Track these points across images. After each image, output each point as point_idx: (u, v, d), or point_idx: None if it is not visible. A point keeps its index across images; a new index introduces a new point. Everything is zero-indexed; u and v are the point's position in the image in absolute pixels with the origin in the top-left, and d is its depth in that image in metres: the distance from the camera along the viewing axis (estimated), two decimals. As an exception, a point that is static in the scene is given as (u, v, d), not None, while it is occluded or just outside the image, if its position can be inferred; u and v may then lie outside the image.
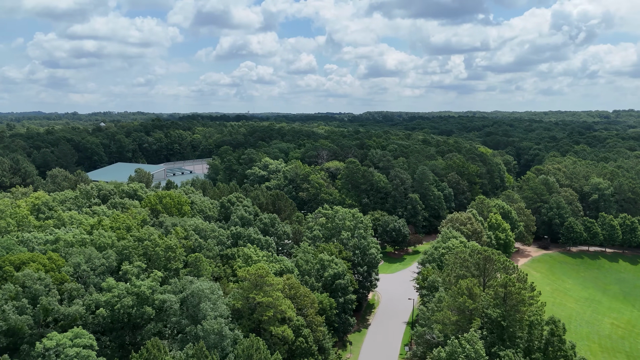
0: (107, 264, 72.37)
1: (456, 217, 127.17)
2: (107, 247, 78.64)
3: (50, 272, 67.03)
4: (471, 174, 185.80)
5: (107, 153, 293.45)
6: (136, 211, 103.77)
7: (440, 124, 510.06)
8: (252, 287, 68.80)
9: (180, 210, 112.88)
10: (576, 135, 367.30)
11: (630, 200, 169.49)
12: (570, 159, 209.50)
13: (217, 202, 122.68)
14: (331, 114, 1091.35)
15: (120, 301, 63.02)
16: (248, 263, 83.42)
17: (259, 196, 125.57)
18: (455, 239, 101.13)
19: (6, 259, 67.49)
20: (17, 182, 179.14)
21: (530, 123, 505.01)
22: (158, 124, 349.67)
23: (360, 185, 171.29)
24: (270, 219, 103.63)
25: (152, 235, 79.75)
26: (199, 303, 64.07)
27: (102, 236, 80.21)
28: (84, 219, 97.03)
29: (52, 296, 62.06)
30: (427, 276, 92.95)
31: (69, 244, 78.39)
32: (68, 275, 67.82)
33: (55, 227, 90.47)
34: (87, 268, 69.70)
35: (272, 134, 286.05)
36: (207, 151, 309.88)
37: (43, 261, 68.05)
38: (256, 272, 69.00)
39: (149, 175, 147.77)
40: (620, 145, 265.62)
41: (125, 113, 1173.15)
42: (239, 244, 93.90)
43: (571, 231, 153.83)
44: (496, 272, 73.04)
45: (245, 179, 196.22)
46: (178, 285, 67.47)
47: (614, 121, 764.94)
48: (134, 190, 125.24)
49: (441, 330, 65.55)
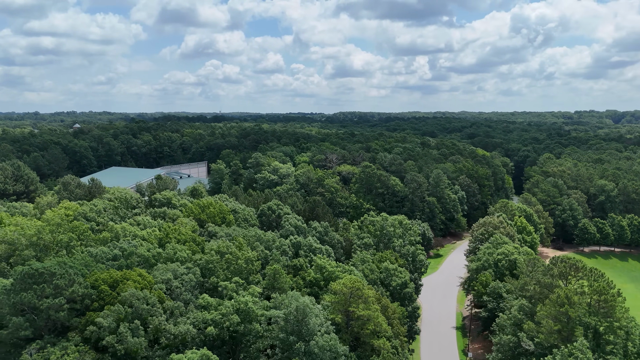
0: (195, 279, 70.34)
1: (488, 221, 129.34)
2: (184, 261, 76.49)
3: (145, 289, 64.67)
4: (480, 177, 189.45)
5: (95, 157, 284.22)
6: (185, 221, 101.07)
7: (419, 125, 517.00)
8: (348, 300, 68.20)
9: (224, 220, 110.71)
10: (555, 136, 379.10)
11: (634, 201, 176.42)
12: (568, 161, 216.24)
13: (254, 210, 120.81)
14: (303, 114, 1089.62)
15: (228, 319, 61.37)
16: (322, 274, 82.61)
17: (296, 203, 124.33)
18: (507, 244, 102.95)
19: (98, 277, 64.74)
20: (20, 190, 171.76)
21: (507, 124, 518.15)
22: (144, 125, 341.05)
23: (377, 189, 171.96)
24: (324, 227, 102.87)
25: (230, 247, 77.91)
26: (304, 318, 63.01)
27: (177, 249, 77.88)
28: (135, 230, 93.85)
29: (158, 315, 59.95)
30: (487, 282, 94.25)
31: (144, 258, 75.83)
32: (162, 292, 65.56)
33: (114, 240, 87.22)
34: (178, 284, 67.56)
35: (267, 137, 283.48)
36: (199, 154, 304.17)
37: (135, 278, 65.55)
38: (352, 285, 68.46)
39: (174, 182, 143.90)
40: (606, 147, 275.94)
41: (90, 113, 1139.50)
42: (300, 254, 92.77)
43: (585, 232, 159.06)
44: (581, 279, 74.79)
45: (255, 184, 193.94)
46: (278, 300, 66.22)
47: (578, 121, 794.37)
48: (167, 199, 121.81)
49: (544, 339, 66.52)
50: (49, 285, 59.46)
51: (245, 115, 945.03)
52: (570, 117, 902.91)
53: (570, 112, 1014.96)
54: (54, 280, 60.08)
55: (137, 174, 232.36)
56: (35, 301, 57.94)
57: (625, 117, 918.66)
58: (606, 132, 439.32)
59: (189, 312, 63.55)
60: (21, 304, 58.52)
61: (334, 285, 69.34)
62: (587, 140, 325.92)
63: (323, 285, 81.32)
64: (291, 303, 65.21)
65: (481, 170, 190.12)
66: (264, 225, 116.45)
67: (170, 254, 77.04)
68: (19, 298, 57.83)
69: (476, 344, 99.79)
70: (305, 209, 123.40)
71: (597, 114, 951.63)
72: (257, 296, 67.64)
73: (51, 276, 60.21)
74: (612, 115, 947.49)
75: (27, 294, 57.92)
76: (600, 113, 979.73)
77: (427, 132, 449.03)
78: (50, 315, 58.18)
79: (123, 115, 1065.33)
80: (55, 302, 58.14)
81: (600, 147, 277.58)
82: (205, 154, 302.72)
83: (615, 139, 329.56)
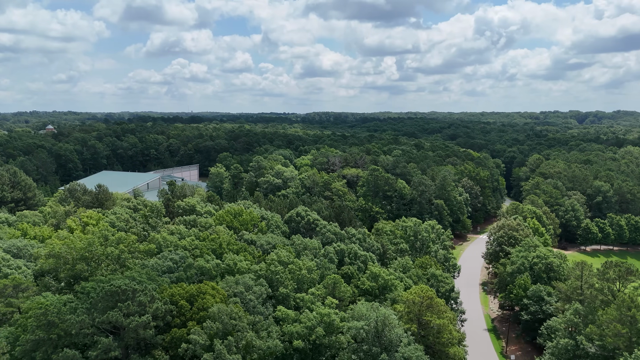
0: (265, 291, 69.35)
1: (507, 223, 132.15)
2: (244, 272, 75.25)
3: (221, 303, 63.38)
4: (482, 179, 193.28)
5: (80, 160, 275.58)
6: (221, 230, 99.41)
7: (398, 126, 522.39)
8: (421, 309, 68.67)
9: (255, 227, 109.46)
10: (534, 137, 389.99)
11: (629, 200, 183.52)
12: (560, 162, 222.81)
13: (279, 216, 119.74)
14: (276, 113, 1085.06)
15: (314, 331, 60.84)
16: (377, 282, 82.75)
17: (322, 209, 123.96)
18: (539, 247, 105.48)
19: (174, 292, 63.08)
20: (18, 197, 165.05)
21: (484, 125, 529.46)
22: (127, 127, 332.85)
23: (385, 193, 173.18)
24: (362, 233, 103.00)
25: (290, 257, 77.14)
26: (383, 329, 63.06)
27: (235, 260, 76.57)
28: (175, 239, 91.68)
29: (245, 331, 58.91)
30: (527, 286, 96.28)
31: (204, 270, 74.29)
32: (240, 306, 64.35)
33: (157, 251, 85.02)
34: (252, 297, 66.48)
35: (259, 139, 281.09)
36: (187, 157, 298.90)
37: (211, 292, 64.15)
38: (425, 294, 68.94)
39: (192, 188, 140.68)
40: (589, 148, 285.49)
41: (55, 113, 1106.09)
42: (344, 262, 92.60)
43: (588, 232, 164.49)
44: (632, 281, 77.39)
45: (258, 188, 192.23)
46: (356, 311, 66.02)
47: (545, 122, 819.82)
48: (191, 206, 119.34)
49: (610, 342, 68.53)
50: (133, 303, 57.64)
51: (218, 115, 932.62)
52: (537, 118, 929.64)
53: (536, 112, 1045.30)
54: (137, 297, 58.28)
55: (130, 178, 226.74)
56: (122, 320, 56.04)
57: (589, 117, 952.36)
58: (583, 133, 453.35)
59: (271, 326, 62.62)
60: (108, 322, 56.52)
61: (405, 294, 69.66)
62: (567, 141, 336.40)
63: (378, 294, 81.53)
64: (370, 314, 65.23)
65: (482, 173, 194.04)
66: (293, 232, 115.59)
67: (230, 265, 75.73)
68: (105, 317, 55.82)
69: (512, 346, 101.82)
70: (331, 214, 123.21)
71: (561, 115, 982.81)
72: (334, 307, 67.22)
73: (134, 293, 58.37)
74: (576, 115, 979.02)
75: (114, 312, 55.97)
76: (564, 113, 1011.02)
77: (408, 133, 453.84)
78: (139, 333, 56.38)
79: (90, 115, 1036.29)
80: (142, 319, 56.37)
81: (583, 149, 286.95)
82: (194, 157, 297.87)
83: (593, 140, 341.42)
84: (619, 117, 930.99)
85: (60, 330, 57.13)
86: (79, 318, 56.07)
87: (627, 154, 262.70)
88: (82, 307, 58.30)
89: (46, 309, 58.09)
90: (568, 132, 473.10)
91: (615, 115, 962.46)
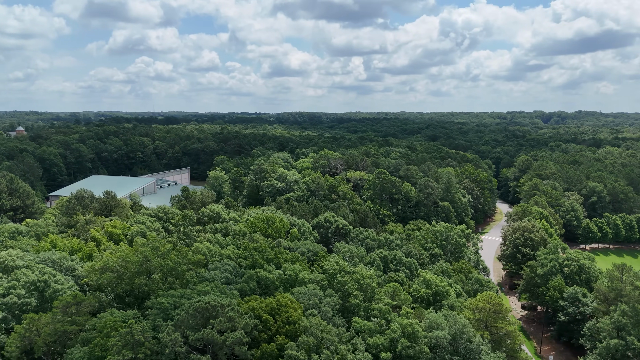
0: (337, 302, 69.00)
1: (523, 225, 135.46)
2: (306, 283, 74.65)
3: (304, 316, 62.80)
4: (482, 180, 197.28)
5: (64, 164, 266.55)
6: (259, 238, 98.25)
7: (377, 127, 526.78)
8: (492, 316, 69.74)
9: (288, 234, 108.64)
10: (512, 137, 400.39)
11: (622, 200, 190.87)
12: (551, 164, 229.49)
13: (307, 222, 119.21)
14: (247, 113, 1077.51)
15: (400, 342, 60.99)
16: (430, 288, 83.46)
17: (347, 214, 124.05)
18: (566, 249, 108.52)
19: (254, 306, 62.11)
20: (17, 205, 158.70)
21: (460, 125, 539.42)
22: (110, 129, 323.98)
23: (393, 195, 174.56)
24: (399, 239, 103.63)
25: (349, 265, 76.97)
26: (468, 339, 63.75)
27: (295, 270, 75.86)
28: (217, 249, 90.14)
29: (337, 344, 58.53)
30: (562, 288, 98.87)
31: (269, 282, 73.34)
32: (318, 317, 63.85)
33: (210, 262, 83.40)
34: (327, 308, 66.08)
35: (249, 141, 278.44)
36: (175, 159, 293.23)
37: (291, 305, 63.40)
38: (495, 301, 70.06)
39: (212, 194, 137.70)
40: (571, 149, 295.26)
41: (16, 113, 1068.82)
42: (389, 268, 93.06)
43: (589, 231, 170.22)
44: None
45: (261, 191, 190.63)
46: (432, 319, 66.45)
47: (513, 122, 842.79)
48: (216, 213, 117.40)
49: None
50: (224, 318, 56.49)
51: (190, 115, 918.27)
52: (504, 118, 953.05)
53: (503, 112, 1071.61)
54: (227, 312, 57.15)
55: (123, 182, 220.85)
56: (216, 337, 54.83)
57: (553, 117, 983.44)
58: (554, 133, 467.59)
59: (354, 338, 62.41)
60: (200, 340, 55.19)
61: (473, 301, 70.58)
62: (546, 141, 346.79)
63: (432, 301, 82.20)
64: (443, 322, 65.84)
65: (482, 174, 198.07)
66: (323, 238, 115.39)
67: (292, 276, 75.03)
68: (200, 334, 54.50)
69: (544, 346, 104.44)
70: (356, 219, 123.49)
71: (527, 115, 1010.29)
72: (406, 315, 67.49)
73: (222, 308, 57.21)
74: (540, 115, 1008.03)
75: (208, 329, 54.71)
76: (529, 113, 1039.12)
77: (389, 134, 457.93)
78: (234, 350, 55.28)
79: (53, 115, 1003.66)
80: (237, 335, 55.30)
81: (565, 149, 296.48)
82: (182, 160, 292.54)
83: (571, 140, 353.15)
84: (581, 117, 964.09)
85: (147, 349, 55.64)
86: (172, 336, 54.56)
87: (609, 155, 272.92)
88: (168, 325, 56.70)
89: (131, 328, 56.33)
90: (540, 132, 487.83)
91: (578, 115, 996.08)
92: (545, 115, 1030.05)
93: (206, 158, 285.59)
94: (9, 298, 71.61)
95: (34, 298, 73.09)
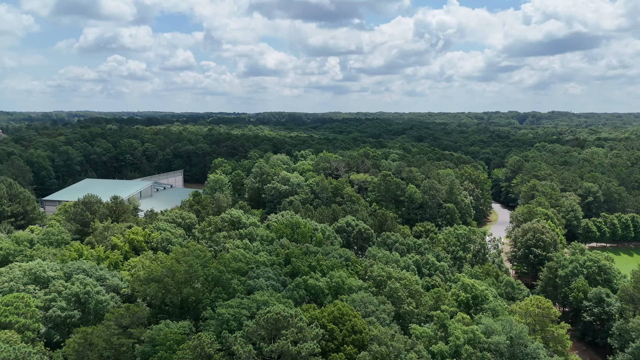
0: (392, 309, 69.09)
1: (534, 226, 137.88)
2: (356, 290, 74.53)
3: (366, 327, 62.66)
4: (482, 181, 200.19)
5: (53, 167, 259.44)
6: (290, 244, 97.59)
7: (361, 127, 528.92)
8: (541, 320, 70.85)
9: (312, 239, 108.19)
10: (497, 138, 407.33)
11: (616, 200, 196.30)
12: (543, 165, 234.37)
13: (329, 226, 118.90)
14: (226, 113, 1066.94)
15: (462, 348, 61.43)
16: (468, 292, 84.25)
17: (366, 218, 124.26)
18: (585, 249, 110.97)
19: (315, 315, 61.70)
20: (18, 211, 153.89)
21: (444, 126, 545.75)
22: (96, 131, 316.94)
23: (398, 197, 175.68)
24: (427, 242, 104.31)
25: (395, 271, 77.16)
26: (524, 344, 64.57)
27: (342, 277, 75.62)
28: (251, 256, 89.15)
29: (405, 352, 58.62)
30: (586, 289, 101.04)
31: (317, 289, 72.91)
32: (378, 325, 63.86)
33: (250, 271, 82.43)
34: (385, 316, 66.15)
35: (243, 143, 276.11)
36: (165, 162, 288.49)
37: (352, 313, 63.18)
38: (543, 305, 71.18)
39: (227, 199, 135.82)
40: (558, 150, 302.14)
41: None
42: (423, 272, 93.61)
43: (589, 231, 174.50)
44: None
45: (263, 195, 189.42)
46: (488, 325, 67.11)
47: (490, 122, 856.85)
48: (237, 218, 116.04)
49: None
50: (295, 329, 55.95)
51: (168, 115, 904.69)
52: (481, 118, 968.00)
53: (479, 112, 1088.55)
54: (296, 322, 56.63)
55: (120, 186, 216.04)
56: (291, 347, 54.25)
57: (528, 117, 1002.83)
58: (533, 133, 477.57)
59: (416, 346, 62.61)
60: (275, 351, 54.52)
61: (523, 305, 71.56)
62: (531, 142, 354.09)
63: (472, 305, 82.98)
64: (498, 327, 66.58)
65: (482, 176, 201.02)
66: (346, 242, 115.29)
67: (340, 283, 74.73)
68: (276, 346, 53.85)
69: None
70: (375, 223, 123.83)
71: (503, 115, 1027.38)
72: (463, 322, 68.02)
73: (292, 318, 56.66)
74: (516, 116, 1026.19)
75: (284, 341, 54.11)
76: (505, 114, 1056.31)
77: (374, 135, 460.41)
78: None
79: (24, 115, 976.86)
80: (311, 346, 54.85)
81: (552, 150, 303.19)
82: (173, 162, 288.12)
83: (555, 141, 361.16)
84: (555, 117, 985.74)
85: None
86: (246, 349, 53.79)
87: (595, 155, 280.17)
88: (237, 337, 55.84)
89: (200, 340, 55.33)
90: (520, 133, 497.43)
91: (551, 115, 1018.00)
92: (520, 115, 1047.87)
93: (198, 160, 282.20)
94: (52, 311, 69.51)
95: (77, 310, 71.14)
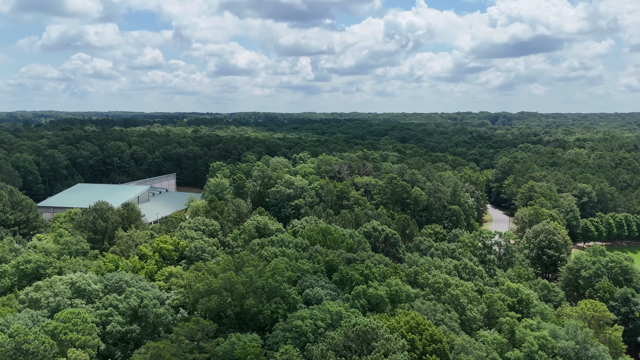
0: (456, 317, 69.70)
1: (546, 228, 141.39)
2: (413, 298, 74.93)
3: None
4: (481, 183, 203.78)
5: (39, 171, 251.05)
6: (330, 252, 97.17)
7: (343, 128, 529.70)
8: (597, 323, 72.74)
9: (339, 245, 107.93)
10: (479, 139, 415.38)
11: (609, 200, 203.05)
12: (534, 165, 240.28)
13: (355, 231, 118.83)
14: (200, 113, 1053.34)
15: (536, 354, 62.52)
16: (512, 295, 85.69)
17: (389, 223, 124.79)
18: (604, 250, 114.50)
19: (395, 325, 61.75)
20: (21, 218, 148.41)
21: (423, 127, 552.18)
22: (81, 134, 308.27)
23: (404, 200, 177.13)
24: (457, 247, 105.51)
25: (450, 279, 77.91)
26: (586, 348, 66.14)
27: (399, 285, 75.87)
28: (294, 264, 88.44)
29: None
30: (612, 290, 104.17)
31: (379, 298, 72.96)
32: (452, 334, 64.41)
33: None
34: (454, 324, 66.66)
35: (235, 145, 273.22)
36: (155, 165, 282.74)
37: (426, 322, 63.48)
38: (598, 308, 73.08)
39: (248, 205, 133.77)
40: (543, 151, 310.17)
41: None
42: (462, 277, 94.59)
43: (588, 230, 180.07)
44: None
45: (267, 198, 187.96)
46: (550, 330, 68.47)
47: (464, 122, 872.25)
48: (263, 224, 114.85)
49: None
50: (383, 340, 55.91)
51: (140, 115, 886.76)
52: (454, 118, 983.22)
53: (452, 113, 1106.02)
54: (382, 334, 56.60)
55: (116, 191, 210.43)
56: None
57: (499, 118, 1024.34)
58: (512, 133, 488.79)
59: (490, 353, 63.38)
60: (367, 364, 54.35)
61: (578, 309, 73.30)
62: (515, 142, 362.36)
63: (519, 309, 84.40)
64: (561, 332, 68.04)
65: (481, 177, 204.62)
66: (372, 247, 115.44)
67: (397, 291, 74.93)
68: (369, 359, 53.65)
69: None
70: (398, 227, 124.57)
71: (475, 115, 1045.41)
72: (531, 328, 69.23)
73: (380, 329, 56.60)
74: (487, 116, 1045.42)
75: (376, 354, 53.98)
76: (477, 114, 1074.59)
77: (357, 136, 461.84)
78: (401, 373, 54.82)
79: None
80: (400, 357, 54.90)
81: (538, 151, 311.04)
82: (162, 165, 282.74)
83: (537, 142, 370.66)
84: (524, 117, 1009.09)
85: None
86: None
87: (579, 156, 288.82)
88: (328, 350, 55.46)
89: (289, 354, 54.79)
90: (497, 133, 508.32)
91: (521, 116, 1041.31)
92: (491, 115, 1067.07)
93: (190, 163, 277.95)
94: (111, 326, 67.48)
95: (136, 325, 69.26)
